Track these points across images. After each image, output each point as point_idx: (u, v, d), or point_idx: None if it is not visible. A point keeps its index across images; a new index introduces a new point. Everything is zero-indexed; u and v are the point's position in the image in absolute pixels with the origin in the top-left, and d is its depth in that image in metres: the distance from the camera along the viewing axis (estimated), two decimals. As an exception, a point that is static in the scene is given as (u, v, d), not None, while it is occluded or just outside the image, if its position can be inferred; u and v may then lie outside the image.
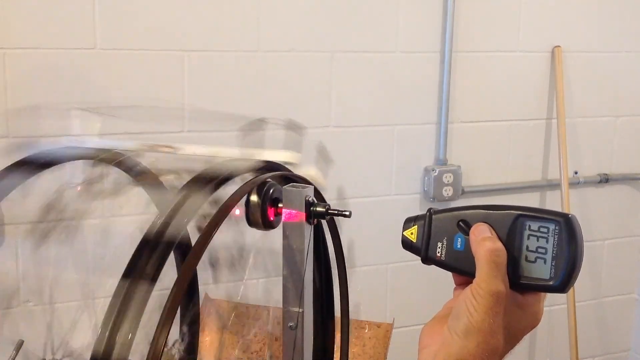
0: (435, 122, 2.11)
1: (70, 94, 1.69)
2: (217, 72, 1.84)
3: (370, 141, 2.04)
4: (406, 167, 2.11)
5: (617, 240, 2.45)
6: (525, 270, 0.61)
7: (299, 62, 1.92)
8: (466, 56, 2.11)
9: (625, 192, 2.43)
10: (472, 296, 0.60)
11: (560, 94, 2.21)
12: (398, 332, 1.57)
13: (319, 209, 0.87)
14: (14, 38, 1.64)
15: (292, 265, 0.88)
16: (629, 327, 2.55)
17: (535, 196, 2.31)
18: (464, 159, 2.16)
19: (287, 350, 0.90)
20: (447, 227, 0.65)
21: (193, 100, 1.81)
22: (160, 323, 0.69)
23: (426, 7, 2.04)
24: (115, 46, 1.73)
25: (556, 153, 2.25)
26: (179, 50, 1.79)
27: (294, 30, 1.90)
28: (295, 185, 0.88)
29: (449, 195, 2.11)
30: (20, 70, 1.66)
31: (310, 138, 1.73)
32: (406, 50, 2.04)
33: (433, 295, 2.16)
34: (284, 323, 0.90)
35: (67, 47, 1.68)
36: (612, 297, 2.50)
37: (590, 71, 2.30)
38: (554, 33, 2.22)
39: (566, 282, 0.60)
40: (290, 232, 0.87)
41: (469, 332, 0.59)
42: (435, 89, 2.09)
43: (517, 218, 0.62)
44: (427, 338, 0.64)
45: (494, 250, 0.60)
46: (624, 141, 2.38)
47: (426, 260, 0.66)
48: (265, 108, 1.88)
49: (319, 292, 1.00)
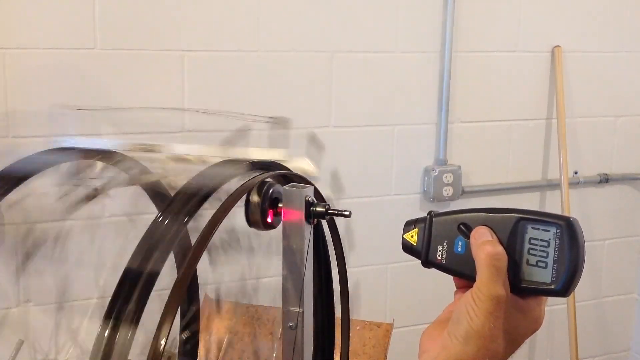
0: (435, 122, 2.11)
1: (70, 94, 1.69)
2: (217, 72, 1.84)
3: (370, 141, 2.04)
4: (406, 167, 2.10)
5: (617, 240, 2.45)
6: (527, 274, 0.61)
7: (299, 62, 1.92)
8: (466, 56, 2.11)
9: (625, 192, 2.43)
10: (473, 300, 0.59)
11: (560, 94, 2.21)
12: (398, 332, 1.57)
13: (318, 209, 0.87)
14: (14, 38, 1.64)
15: (292, 265, 0.88)
16: (629, 327, 2.55)
17: (535, 196, 2.31)
18: (464, 159, 2.16)
19: (287, 350, 0.89)
20: (448, 230, 0.64)
21: (193, 101, 1.81)
22: (160, 323, 0.69)
23: (426, 7, 2.04)
24: (115, 46, 1.73)
25: (556, 153, 2.25)
26: (179, 50, 1.79)
27: (294, 30, 1.90)
28: (295, 185, 0.88)
29: (449, 195, 2.11)
30: (20, 70, 1.65)
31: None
32: (406, 50, 2.04)
33: (433, 296, 2.16)
34: (284, 323, 0.90)
35: (67, 47, 1.68)
36: (612, 297, 2.49)
37: (590, 71, 2.29)
38: (554, 33, 2.22)
39: (567, 286, 0.60)
40: (290, 232, 0.87)
41: (469, 337, 0.59)
42: (435, 89, 2.09)
43: (518, 221, 0.62)
44: (427, 342, 0.64)
45: (495, 254, 0.60)
46: (624, 141, 2.38)
47: (426, 263, 0.65)
48: (265, 108, 1.87)
49: (319, 292, 1.00)
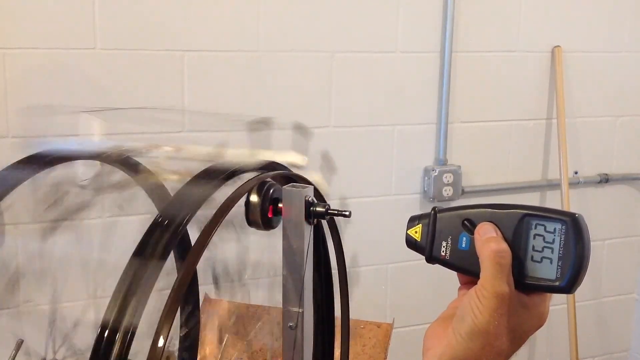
0: (435, 122, 2.11)
1: (70, 94, 1.69)
2: (217, 72, 1.84)
3: (370, 141, 2.04)
4: (406, 167, 2.10)
5: (617, 240, 2.45)
6: (531, 270, 0.60)
7: (299, 62, 1.92)
8: (466, 56, 2.11)
9: (625, 192, 2.43)
10: (477, 298, 0.59)
11: (560, 94, 2.21)
12: (398, 332, 1.57)
13: (318, 209, 0.87)
14: (14, 38, 1.64)
15: (292, 265, 0.88)
16: (628, 327, 2.55)
17: (535, 196, 2.31)
18: (464, 159, 2.16)
19: (287, 350, 0.89)
20: (452, 226, 0.64)
21: (193, 100, 1.81)
22: (160, 323, 0.69)
23: (426, 7, 2.04)
24: (115, 46, 1.73)
25: (556, 153, 2.25)
26: (179, 50, 1.79)
27: (294, 30, 1.90)
28: (295, 185, 0.88)
29: (449, 195, 2.11)
30: (20, 70, 1.65)
31: (315, 142, 1.74)
32: (406, 50, 2.04)
33: (433, 295, 2.17)
34: (284, 323, 0.90)
35: (67, 47, 1.68)
36: (612, 297, 2.50)
37: (590, 71, 2.29)
38: (554, 33, 2.22)
39: (572, 282, 0.59)
40: (290, 232, 0.87)
41: (474, 334, 0.59)
42: (435, 89, 2.09)
43: (523, 217, 0.61)
44: (431, 339, 0.63)
45: (499, 251, 0.60)
46: (624, 141, 2.38)
47: (430, 259, 0.65)
48: (265, 108, 1.87)
49: (319, 292, 1.00)
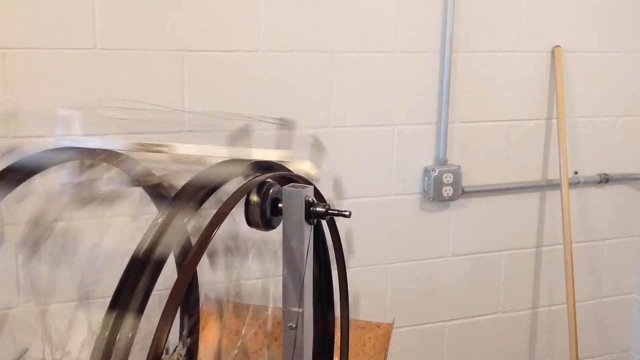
0: (435, 122, 2.11)
1: (70, 93, 1.69)
2: (217, 72, 1.84)
3: (370, 141, 2.04)
4: (406, 167, 2.10)
5: (617, 240, 2.45)
6: None
7: (299, 62, 1.92)
8: (466, 56, 2.11)
9: (625, 192, 2.43)
10: None
11: (560, 94, 2.21)
12: (398, 332, 1.57)
13: (318, 209, 0.87)
14: (14, 38, 1.64)
15: (292, 265, 0.88)
16: (628, 327, 2.55)
17: (535, 196, 2.31)
18: (464, 159, 2.16)
19: (287, 350, 0.89)
20: None
21: (193, 101, 1.81)
22: (160, 323, 0.69)
23: (426, 7, 2.04)
24: (115, 46, 1.73)
25: (556, 153, 2.25)
26: (179, 50, 1.79)
27: (294, 30, 1.90)
28: (295, 185, 0.88)
29: (449, 195, 2.11)
30: (20, 70, 1.66)
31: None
32: (406, 50, 2.04)
33: (433, 295, 2.17)
34: (284, 323, 0.90)
35: (67, 47, 1.68)
36: (612, 297, 2.49)
37: (590, 71, 2.29)
38: (554, 33, 2.22)
39: None
40: (290, 232, 0.87)
41: None
42: (435, 89, 2.09)
43: None
44: None
45: None
46: (624, 141, 2.38)
47: None
48: (265, 108, 1.87)
49: (319, 292, 1.00)
